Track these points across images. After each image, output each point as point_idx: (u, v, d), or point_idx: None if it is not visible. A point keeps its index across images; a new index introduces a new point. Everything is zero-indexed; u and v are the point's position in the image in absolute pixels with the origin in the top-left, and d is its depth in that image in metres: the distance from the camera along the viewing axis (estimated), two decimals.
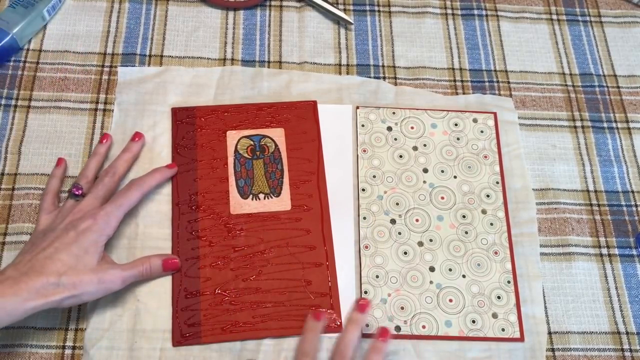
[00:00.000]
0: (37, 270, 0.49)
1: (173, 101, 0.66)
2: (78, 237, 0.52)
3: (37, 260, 0.50)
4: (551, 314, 0.60)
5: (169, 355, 0.55)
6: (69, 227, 0.53)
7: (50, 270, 0.50)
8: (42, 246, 0.52)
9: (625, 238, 0.64)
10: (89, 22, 0.70)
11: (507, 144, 0.67)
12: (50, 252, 0.51)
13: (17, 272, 0.49)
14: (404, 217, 0.62)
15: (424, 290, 0.59)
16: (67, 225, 0.54)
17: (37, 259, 0.50)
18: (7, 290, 0.47)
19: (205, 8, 0.72)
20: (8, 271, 0.50)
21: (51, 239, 0.52)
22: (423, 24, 0.74)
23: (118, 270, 0.54)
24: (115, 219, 0.55)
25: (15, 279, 0.48)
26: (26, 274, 0.49)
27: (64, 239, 0.52)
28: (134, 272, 0.55)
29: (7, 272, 0.49)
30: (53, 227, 0.54)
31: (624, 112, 0.70)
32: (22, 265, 0.50)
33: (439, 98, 0.69)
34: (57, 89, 0.66)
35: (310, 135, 0.65)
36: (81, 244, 0.52)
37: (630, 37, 0.75)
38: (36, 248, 0.52)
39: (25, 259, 0.51)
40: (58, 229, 0.53)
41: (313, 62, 0.70)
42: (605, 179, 0.67)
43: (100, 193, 0.57)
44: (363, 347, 0.57)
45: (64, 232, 0.53)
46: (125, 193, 0.57)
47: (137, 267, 0.56)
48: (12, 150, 0.63)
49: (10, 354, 0.54)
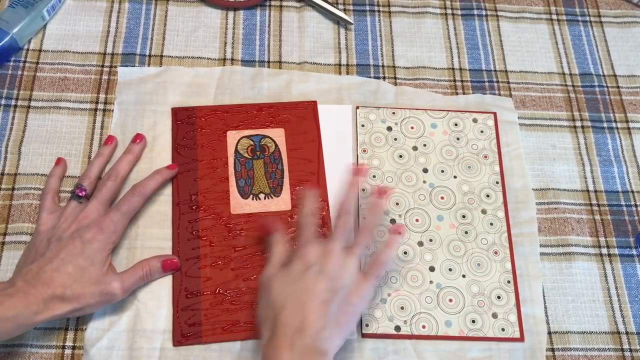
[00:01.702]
0: (45, 283, 0.50)
1: (173, 101, 0.66)
2: (84, 247, 0.53)
3: (44, 272, 0.51)
4: (551, 313, 0.60)
5: (169, 355, 0.55)
6: (75, 236, 0.53)
7: (57, 283, 0.50)
8: (49, 256, 0.52)
9: (625, 238, 0.64)
10: (89, 22, 0.70)
11: (507, 144, 0.67)
12: (57, 264, 0.51)
13: (27, 284, 0.50)
14: (404, 217, 0.62)
15: (424, 290, 0.59)
16: (73, 233, 0.54)
17: (44, 270, 0.51)
18: (18, 304, 0.48)
19: (205, 8, 0.72)
20: (18, 283, 0.50)
21: (57, 248, 0.53)
22: (423, 24, 0.74)
23: (119, 281, 0.54)
24: (122, 226, 0.56)
25: (25, 292, 0.49)
26: (34, 287, 0.50)
27: (70, 250, 0.52)
28: (135, 278, 0.56)
29: (17, 283, 0.50)
30: (58, 235, 0.54)
31: (624, 112, 0.70)
32: (30, 277, 0.50)
33: (439, 98, 0.69)
34: (57, 89, 0.66)
35: (310, 135, 0.65)
36: (87, 255, 0.52)
37: (630, 37, 0.75)
38: (42, 258, 0.52)
39: (32, 270, 0.51)
40: (64, 237, 0.53)
41: (313, 62, 0.70)
42: (605, 179, 0.67)
43: (105, 197, 0.57)
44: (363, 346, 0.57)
45: (70, 242, 0.53)
46: (128, 199, 0.57)
47: (137, 273, 0.56)
48: (12, 150, 0.63)
49: (10, 354, 0.54)
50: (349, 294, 0.51)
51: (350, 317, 0.51)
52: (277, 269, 0.53)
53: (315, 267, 0.51)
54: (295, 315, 0.49)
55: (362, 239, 0.55)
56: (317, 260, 0.52)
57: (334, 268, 0.51)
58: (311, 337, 0.48)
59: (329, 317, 0.49)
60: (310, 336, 0.48)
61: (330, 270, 0.51)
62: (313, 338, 0.48)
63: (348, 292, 0.51)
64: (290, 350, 0.47)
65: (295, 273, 0.51)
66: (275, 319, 0.49)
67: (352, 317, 0.52)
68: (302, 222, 0.56)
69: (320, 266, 0.51)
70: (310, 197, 0.57)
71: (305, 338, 0.48)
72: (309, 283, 0.50)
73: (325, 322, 0.49)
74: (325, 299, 0.50)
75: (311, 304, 0.49)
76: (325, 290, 0.50)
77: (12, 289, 0.49)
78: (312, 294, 0.50)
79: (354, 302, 0.51)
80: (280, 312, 0.49)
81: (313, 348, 0.48)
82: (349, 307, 0.51)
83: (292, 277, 0.51)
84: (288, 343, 0.48)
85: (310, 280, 0.50)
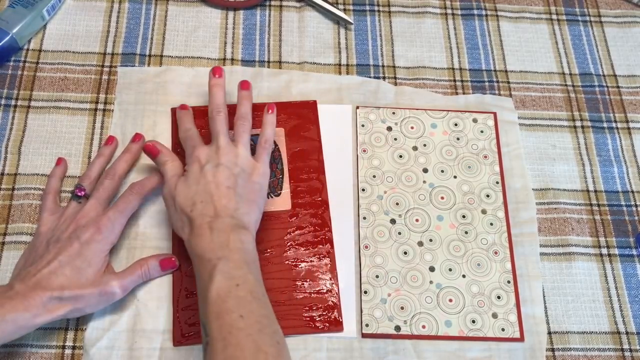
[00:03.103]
0: (43, 286, 0.50)
1: (173, 101, 0.66)
2: (82, 248, 0.53)
3: (42, 275, 0.51)
4: (551, 314, 0.60)
5: (169, 355, 0.55)
6: (72, 237, 0.53)
7: (55, 285, 0.50)
8: (47, 259, 0.52)
9: (625, 238, 0.64)
10: (89, 22, 0.70)
11: (507, 144, 0.67)
12: (55, 267, 0.51)
13: (25, 286, 0.50)
14: (404, 217, 0.62)
15: (424, 290, 0.59)
16: (70, 234, 0.54)
17: (42, 273, 0.51)
18: (18, 306, 0.48)
19: (205, 8, 0.72)
20: (16, 285, 0.50)
21: (55, 250, 0.53)
22: (423, 24, 0.74)
23: (117, 280, 0.54)
24: (119, 225, 0.56)
25: (24, 295, 0.49)
26: (33, 290, 0.50)
27: (68, 251, 0.52)
28: (133, 277, 0.56)
29: (16, 286, 0.50)
30: (57, 236, 0.54)
31: (624, 112, 0.70)
32: (28, 279, 0.50)
33: (438, 98, 0.69)
34: (57, 89, 0.66)
35: (310, 135, 0.65)
36: (85, 256, 0.52)
37: (630, 37, 0.75)
38: (40, 260, 0.52)
39: (30, 273, 0.51)
40: (62, 238, 0.53)
41: (313, 62, 0.70)
42: (605, 179, 0.67)
43: (103, 196, 0.57)
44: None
45: (68, 243, 0.53)
46: (126, 198, 0.57)
47: (136, 272, 0.56)
48: (12, 150, 0.63)
49: (10, 354, 0.54)
50: (249, 175, 0.56)
51: (257, 194, 0.56)
52: (175, 180, 0.56)
53: (210, 163, 0.55)
54: (207, 207, 0.53)
55: (240, 130, 0.58)
56: (210, 157, 0.56)
57: (227, 159, 0.56)
58: (228, 217, 0.52)
59: (238, 198, 0.54)
60: (226, 216, 0.52)
61: (224, 161, 0.55)
62: (230, 216, 0.52)
63: (248, 174, 0.56)
64: (210, 232, 0.51)
65: (194, 175, 0.55)
66: (189, 218, 0.53)
67: (259, 193, 0.56)
68: (185, 136, 0.59)
69: (214, 161, 0.55)
70: (185, 115, 0.62)
71: (222, 219, 0.52)
72: (209, 177, 0.54)
73: (236, 203, 0.53)
74: (229, 184, 0.54)
75: (218, 192, 0.53)
76: (227, 177, 0.54)
77: (11, 292, 0.49)
78: (216, 185, 0.54)
79: (255, 179, 0.56)
80: (192, 212, 0.53)
81: (233, 224, 0.52)
82: (253, 185, 0.56)
83: (192, 180, 0.55)
84: (207, 227, 0.51)
85: (210, 174, 0.54)
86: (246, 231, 0.52)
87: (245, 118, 0.60)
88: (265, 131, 0.60)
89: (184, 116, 0.61)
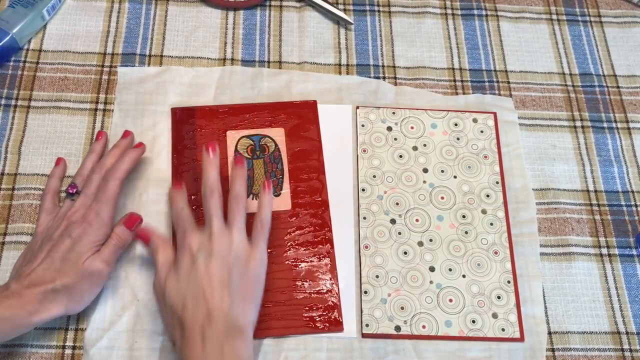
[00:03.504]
0: (37, 282, 0.50)
1: (173, 101, 0.66)
2: (74, 244, 0.53)
3: (36, 273, 0.51)
4: (551, 314, 0.60)
5: (169, 355, 0.55)
6: (64, 234, 0.53)
7: (47, 279, 0.51)
8: (41, 257, 0.52)
9: (625, 238, 0.64)
10: (89, 22, 0.70)
11: (507, 144, 0.67)
12: (47, 264, 0.52)
13: (20, 285, 0.50)
14: (404, 217, 0.62)
15: (424, 290, 0.59)
16: (62, 232, 0.54)
17: (36, 272, 0.51)
18: (14, 304, 0.49)
19: (205, 8, 0.72)
20: (12, 285, 0.50)
21: (48, 248, 0.53)
22: (423, 24, 0.74)
23: (99, 258, 0.53)
24: (107, 215, 0.55)
25: (20, 294, 0.49)
26: (28, 288, 0.50)
27: (60, 248, 0.52)
28: (110, 248, 0.55)
29: (12, 286, 0.50)
30: (50, 234, 0.54)
31: (624, 112, 0.70)
32: (23, 279, 0.51)
33: (439, 98, 0.69)
34: (57, 89, 0.66)
35: (310, 135, 0.65)
36: (77, 250, 0.53)
37: (630, 37, 0.75)
38: (35, 259, 0.52)
39: (25, 272, 0.51)
40: (54, 237, 0.54)
41: (313, 62, 0.70)
42: (605, 179, 0.67)
43: (92, 190, 0.57)
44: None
45: (60, 240, 0.53)
46: (105, 187, 0.56)
47: (110, 243, 0.55)
48: (12, 150, 0.63)
49: (10, 354, 0.54)
50: (245, 263, 0.52)
51: (254, 286, 0.52)
52: (166, 272, 0.52)
53: (202, 253, 0.51)
54: (198, 308, 0.49)
55: (235, 211, 0.54)
56: (202, 245, 0.52)
57: (220, 246, 0.51)
58: (222, 319, 0.48)
59: (233, 293, 0.50)
60: (220, 319, 0.48)
61: (217, 249, 0.51)
62: (224, 319, 0.48)
63: (244, 262, 0.52)
64: (202, 342, 0.47)
65: (185, 268, 0.51)
66: (180, 321, 0.49)
67: (256, 284, 0.52)
68: (177, 216, 0.55)
69: (207, 250, 0.51)
70: (178, 194, 0.56)
71: (215, 324, 0.48)
72: (201, 271, 0.50)
73: (230, 299, 0.49)
74: (222, 278, 0.50)
75: (210, 289, 0.49)
76: (220, 269, 0.50)
77: (7, 292, 0.49)
78: (208, 279, 0.50)
79: (252, 267, 0.52)
80: (183, 313, 0.49)
81: (226, 329, 0.48)
82: (249, 274, 0.52)
83: (183, 274, 0.51)
84: (199, 337, 0.48)
85: (202, 267, 0.50)
86: (242, 336, 0.49)
87: (240, 198, 0.55)
88: (261, 213, 0.55)
89: (177, 195, 0.55)
